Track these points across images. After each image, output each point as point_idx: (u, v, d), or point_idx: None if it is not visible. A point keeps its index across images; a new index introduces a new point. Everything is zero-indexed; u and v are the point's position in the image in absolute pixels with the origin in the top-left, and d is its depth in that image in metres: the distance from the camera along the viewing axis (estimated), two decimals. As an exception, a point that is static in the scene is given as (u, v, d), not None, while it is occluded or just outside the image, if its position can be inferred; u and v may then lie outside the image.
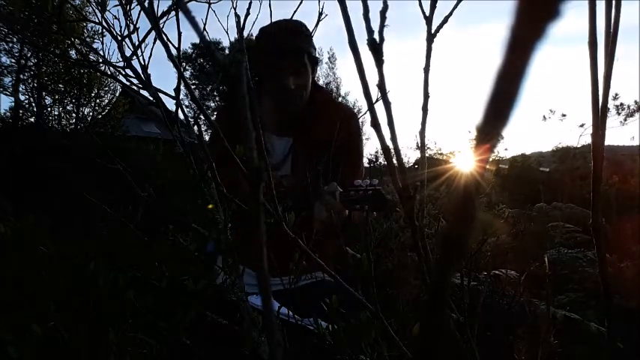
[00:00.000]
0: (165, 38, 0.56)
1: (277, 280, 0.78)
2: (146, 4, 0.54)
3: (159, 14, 0.58)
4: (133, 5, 0.66)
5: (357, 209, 1.00)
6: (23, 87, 6.67)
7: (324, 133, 1.14)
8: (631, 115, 11.33)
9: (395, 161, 0.36)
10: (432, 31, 0.43)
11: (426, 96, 0.43)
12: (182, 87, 0.61)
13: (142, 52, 0.66)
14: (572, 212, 4.71)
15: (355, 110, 1.35)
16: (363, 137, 1.34)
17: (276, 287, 0.85)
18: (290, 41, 1.10)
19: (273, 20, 1.15)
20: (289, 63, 1.11)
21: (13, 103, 6.62)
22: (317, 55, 1.20)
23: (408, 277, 1.97)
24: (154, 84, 0.64)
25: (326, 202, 1.00)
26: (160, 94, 0.65)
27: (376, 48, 0.33)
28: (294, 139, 1.19)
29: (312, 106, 1.21)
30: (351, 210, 1.03)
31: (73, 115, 6.97)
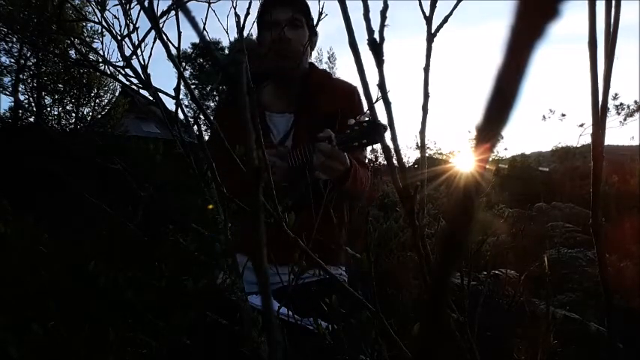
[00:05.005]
0: (165, 38, 0.56)
1: (276, 276, 0.78)
2: (146, 3, 0.54)
3: (159, 14, 0.57)
4: (132, 5, 0.66)
5: (355, 147, 0.99)
6: (23, 87, 6.68)
7: (326, 108, 1.14)
8: (631, 114, 11.36)
9: (395, 161, 0.36)
10: (432, 31, 0.43)
11: (426, 96, 0.43)
12: (182, 87, 0.61)
13: (142, 52, 0.66)
14: (572, 212, 4.71)
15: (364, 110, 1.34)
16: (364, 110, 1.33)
17: (276, 286, 0.85)
18: None
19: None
20: (285, 14, 1.12)
21: (12, 103, 6.63)
22: (315, 29, 1.20)
23: (408, 277, 1.97)
24: (153, 84, 0.64)
25: (322, 149, 0.98)
26: (160, 94, 0.65)
27: (376, 48, 0.33)
28: (295, 115, 1.19)
29: (311, 81, 1.21)
30: (351, 150, 1.01)
31: (73, 114, 6.97)
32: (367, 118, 0.99)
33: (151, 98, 0.64)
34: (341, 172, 1.01)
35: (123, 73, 0.66)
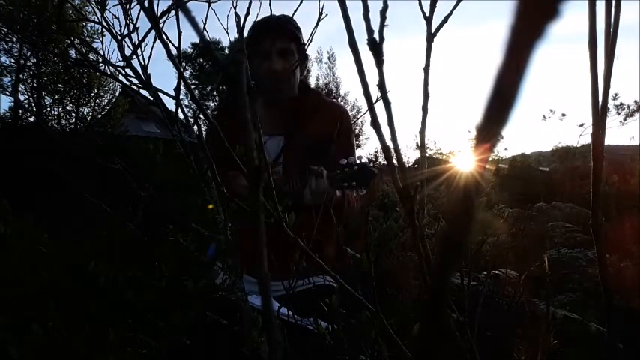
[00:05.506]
0: (165, 38, 0.56)
1: (278, 283, 0.78)
2: (146, 3, 0.54)
3: (159, 14, 0.57)
4: (132, 4, 0.66)
5: (345, 187, 1.02)
6: (23, 87, 6.66)
7: (316, 131, 1.16)
8: (631, 114, 11.37)
9: (395, 161, 0.36)
10: (432, 31, 0.43)
11: (426, 96, 0.43)
12: (182, 87, 0.61)
13: (142, 52, 0.66)
14: (572, 212, 4.71)
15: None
16: (354, 132, 1.36)
17: (278, 293, 0.86)
18: (276, 22, 1.13)
19: None
20: (275, 45, 1.13)
21: (12, 103, 6.62)
22: (306, 51, 1.21)
23: (408, 277, 1.97)
24: (153, 84, 0.64)
25: (313, 185, 1.02)
26: (160, 94, 0.65)
27: (376, 48, 0.33)
28: (285, 138, 1.20)
29: (302, 104, 1.22)
30: (340, 189, 1.05)
31: (73, 114, 6.96)
32: (359, 161, 1.02)
33: (151, 98, 0.64)
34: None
35: (123, 73, 0.66)
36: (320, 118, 1.20)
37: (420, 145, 0.48)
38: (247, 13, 0.65)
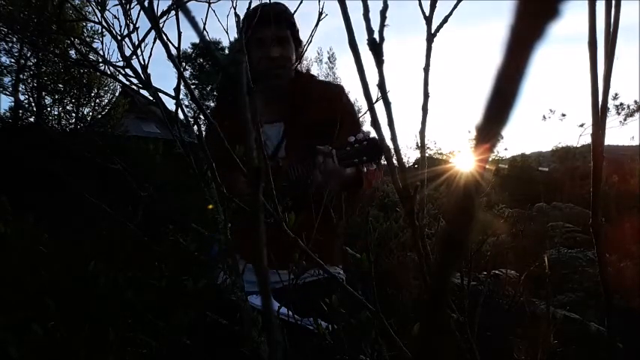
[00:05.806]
0: (165, 38, 0.56)
1: (276, 275, 0.78)
2: (146, 3, 0.54)
3: (159, 14, 0.57)
4: (132, 4, 0.66)
5: (355, 163, 1.01)
6: (23, 87, 6.66)
7: (315, 114, 1.15)
8: (631, 114, 11.37)
9: (395, 161, 0.36)
10: (432, 31, 0.43)
11: (426, 96, 0.43)
12: (182, 87, 0.61)
13: (142, 52, 0.66)
14: (572, 212, 4.72)
15: (355, 109, 1.37)
16: (355, 107, 1.34)
17: (277, 285, 0.85)
18: (271, 10, 1.12)
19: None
20: (271, 33, 1.13)
21: (12, 103, 6.62)
22: (300, 38, 1.21)
23: (408, 277, 1.97)
24: (153, 84, 0.64)
25: (322, 165, 1.01)
26: (160, 94, 0.65)
27: (376, 48, 0.33)
28: (285, 124, 1.20)
29: (299, 88, 1.22)
30: (350, 166, 1.04)
31: (73, 114, 6.96)
32: (369, 135, 1.01)
33: (151, 98, 0.64)
34: (339, 187, 1.03)
35: (123, 73, 0.66)
36: (318, 99, 1.19)
37: (420, 145, 0.48)
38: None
